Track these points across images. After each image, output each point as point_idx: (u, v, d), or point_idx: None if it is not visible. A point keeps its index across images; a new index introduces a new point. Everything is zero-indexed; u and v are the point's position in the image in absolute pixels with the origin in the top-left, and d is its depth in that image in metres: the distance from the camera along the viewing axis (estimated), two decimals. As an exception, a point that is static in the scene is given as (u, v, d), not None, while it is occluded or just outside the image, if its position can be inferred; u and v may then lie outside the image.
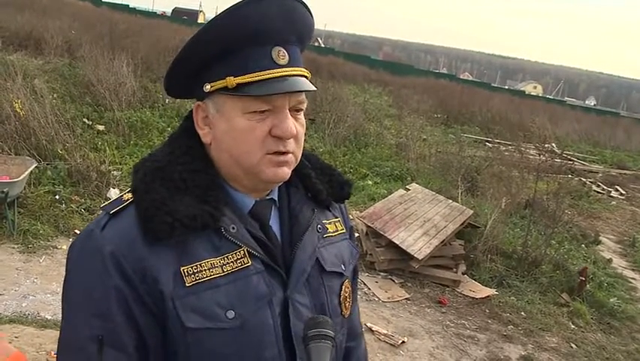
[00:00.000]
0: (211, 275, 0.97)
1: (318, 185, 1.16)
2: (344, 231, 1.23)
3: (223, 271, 0.98)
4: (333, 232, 1.19)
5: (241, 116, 0.98)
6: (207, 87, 0.99)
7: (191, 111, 1.07)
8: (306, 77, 1.03)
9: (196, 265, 0.96)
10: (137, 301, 0.94)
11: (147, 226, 0.94)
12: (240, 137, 0.99)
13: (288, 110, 0.99)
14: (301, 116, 1.04)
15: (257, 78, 0.96)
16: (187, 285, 0.95)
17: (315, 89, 1.02)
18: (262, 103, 0.97)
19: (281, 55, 0.98)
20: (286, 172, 1.03)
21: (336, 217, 1.22)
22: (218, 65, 0.98)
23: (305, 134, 1.07)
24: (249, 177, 1.03)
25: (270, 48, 0.98)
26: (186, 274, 0.95)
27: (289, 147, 1.01)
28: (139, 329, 0.95)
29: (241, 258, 1.00)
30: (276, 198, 1.11)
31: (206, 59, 0.99)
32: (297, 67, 1.00)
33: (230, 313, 0.97)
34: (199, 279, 0.96)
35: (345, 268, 1.18)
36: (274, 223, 1.09)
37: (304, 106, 1.04)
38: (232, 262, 0.99)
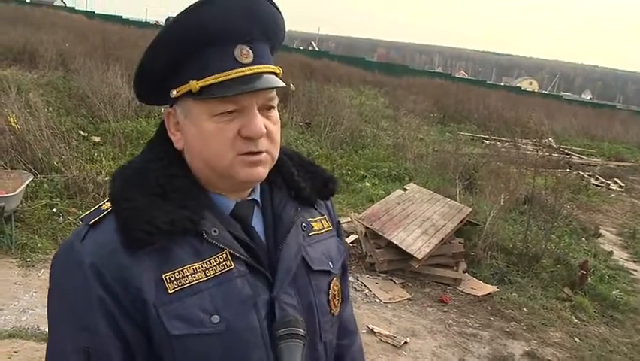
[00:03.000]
0: (194, 280, 0.95)
1: (301, 183, 1.14)
2: (330, 228, 1.21)
3: (206, 276, 0.96)
4: (319, 229, 1.18)
5: (208, 120, 0.96)
6: (173, 93, 0.98)
7: None
8: (275, 73, 1.00)
9: (178, 271, 0.95)
10: (121, 311, 0.93)
11: (126, 235, 0.93)
12: (209, 140, 0.97)
13: (256, 110, 0.97)
14: (273, 113, 1.02)
15: (220, 79, 0.94)
16: (170, 292, 0.94)
17: (283, 84, 1.00)
18: (228, 104, 0.95)
19: (244, 53, 0.96)
20: (261, 172, 1.01)
21: (322, 215, 1.21)
22: (181, 69, 0.97)
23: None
24: (224, 180, 1.01)
25: (233, 47, 0.95)
26: (168, 280, 0.94)
27: (261, 146, 0.98)
28: (125, 340, 0.94)
29: (223, 261, 0.98)
30: (258, 199, 1.09)
31: (168, 64, 0.97)
32: (264, 64, 0.98)
33: (215, 318, 0.95)
34: (181, 285, 0.94)
35: (333, 266, 1.16)
36: (258, 224, 1.07)
37: (275, 103, 1.02)
38: (214, 265, 0.97)
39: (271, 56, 1.02)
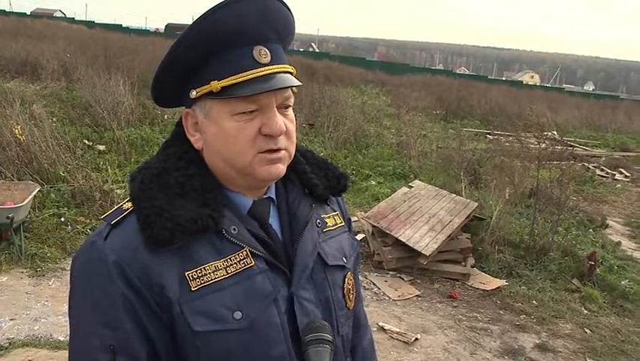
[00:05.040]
0: (216, 278, 0.98)
1: (314, 180, 1.17)
2: (343, 224, 1.24)
3: (227, 273, 0.99)
4: (333, 225, 1.20)
5: (229, 119, 0.99)
6: (193, 93, 1.01)
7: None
8: (290, 72, 1.03)
9: (200, 269, 0.97)
10: (145, 308, 0.95)
11: (148, 233, 0.95)
12: (230, 139, 1.00)
13: (275, 108, 1.01)
14: (290, 112, 1.05)
15: (240, 79, 0.97)
16: (193, 289, 0.96)
17: (299, 83, 1.03)
18: (248, 103, 0.98)
19: (262, 54, 0.99)
20: (281, 169, 1.04)
21: (335, 211, 1.24)
22: (201, 70, 0.99)
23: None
24: (244, 177, 1.04)
25: (251, 48, 0.99)
26: (191, 278, 0.96)
27: (280, 143, 1.02)
28: (149, 337, 0.96)
29: (244, 258, 1.01)
30: (274, 197, 1.12)
31: (188, 65, 1.00)
32: (280, 64, 1.01)
33: (238, 314, 0.98)
34: (204, 282, 0.97)
35: (347, 261, 1.19)
36: (274, 221, 1.10)
37: (291, 102, 1.05)
38: (235, 263, 1.00)
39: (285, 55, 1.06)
